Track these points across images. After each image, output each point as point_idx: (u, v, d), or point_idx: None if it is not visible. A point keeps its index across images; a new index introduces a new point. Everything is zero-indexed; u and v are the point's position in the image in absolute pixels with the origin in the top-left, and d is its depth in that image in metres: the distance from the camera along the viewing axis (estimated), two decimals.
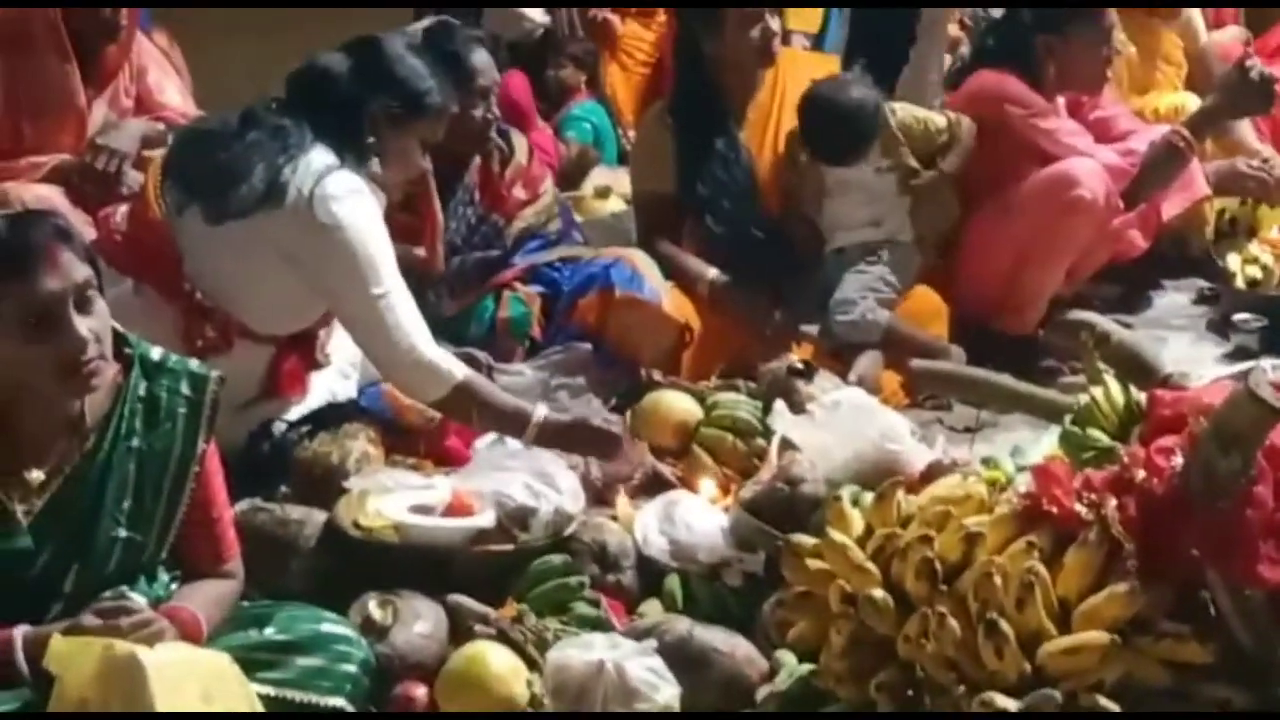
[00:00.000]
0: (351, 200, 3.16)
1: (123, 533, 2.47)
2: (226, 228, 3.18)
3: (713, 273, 4.00)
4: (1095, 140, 4.31)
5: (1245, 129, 4.97)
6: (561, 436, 3.23)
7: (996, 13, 4.73)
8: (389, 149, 3.32)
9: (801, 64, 4.33)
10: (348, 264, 3.15)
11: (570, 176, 6.12)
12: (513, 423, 3.19)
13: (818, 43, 8.06)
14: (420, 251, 3.77)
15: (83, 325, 2.33)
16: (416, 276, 3.58)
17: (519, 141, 4.01)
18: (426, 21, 4.06)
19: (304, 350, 3.40)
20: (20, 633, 2.34)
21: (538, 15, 9.06)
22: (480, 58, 3.80)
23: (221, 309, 3.25)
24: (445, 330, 3.69)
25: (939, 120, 4.20)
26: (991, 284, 4.22)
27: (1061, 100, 4.36)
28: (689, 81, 4.22)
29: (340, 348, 3.49)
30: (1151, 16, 5.01)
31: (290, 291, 3.26)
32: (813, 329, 4.00)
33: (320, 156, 3.19)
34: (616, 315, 3.72)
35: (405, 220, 3.74)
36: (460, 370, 3.19)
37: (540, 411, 3.20)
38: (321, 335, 3.46)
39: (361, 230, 3.16)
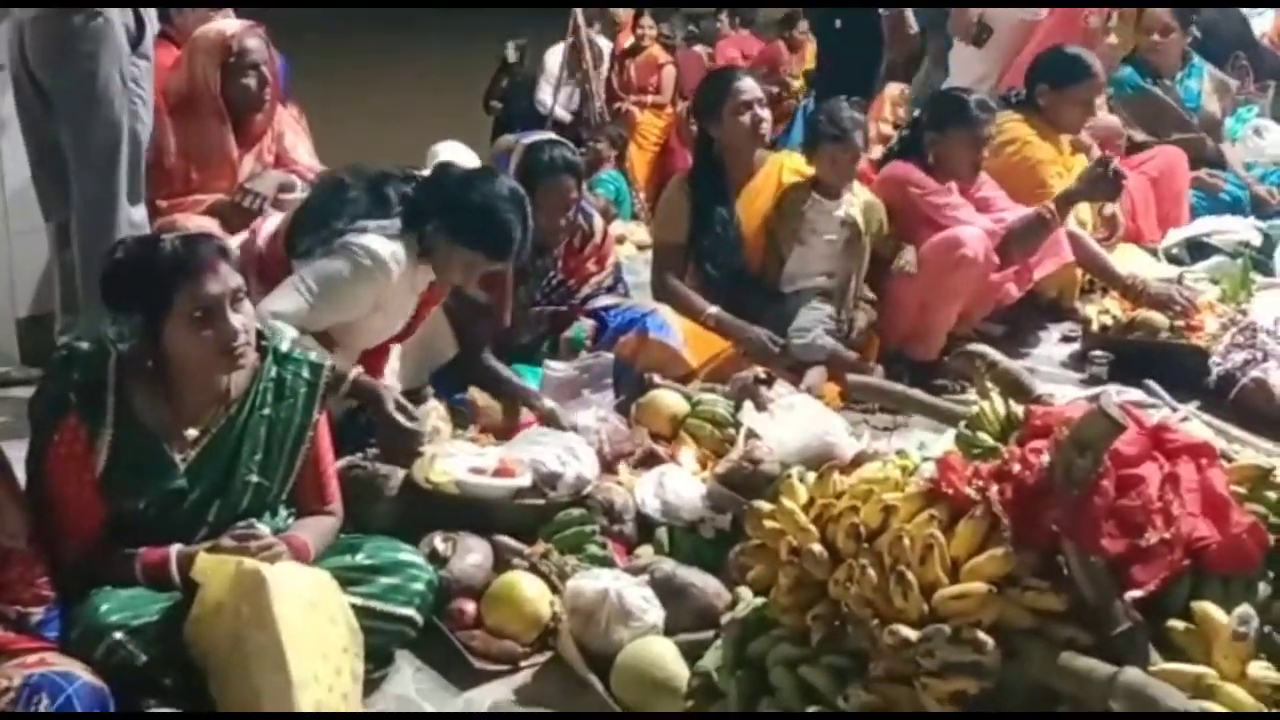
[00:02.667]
0: (361, 248, 3.04)
1: (254, 479, 2.48)
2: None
3: (713, 309, 3.97)
4: (977, 212, 4.27)
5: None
6: (370, 403, 3.07)
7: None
8: (437, 252, 3.15)
9: (789, 163, 4.22)
10: (314, 264, 3.05)
11: None
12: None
13: (786, 135, 8.06)
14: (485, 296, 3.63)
15: (235, 319, 2.35)
16: (486, 313, 3.56)
17: (598, 224, 3.94)
18: (537, 136, 3.89)
19: (376, 358, 3.33)
20: (175, 550, 2.37)
21: (560, 111, 8.97)
22: (568, 181, 3.68)
23: None
24: (527, 345, 3.79)
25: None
26: (904, 322, 4.20)
27: (954, 183, 4.33)
28: (702, 162, 4.20)
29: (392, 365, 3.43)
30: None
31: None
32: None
33: (382, 222, 3.09)
34: (648, 351, 3.70)
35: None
36: (291, 333, 2.89)
37: (355, 370, 3.09)
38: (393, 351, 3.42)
39: (343, 261, 3.04)
